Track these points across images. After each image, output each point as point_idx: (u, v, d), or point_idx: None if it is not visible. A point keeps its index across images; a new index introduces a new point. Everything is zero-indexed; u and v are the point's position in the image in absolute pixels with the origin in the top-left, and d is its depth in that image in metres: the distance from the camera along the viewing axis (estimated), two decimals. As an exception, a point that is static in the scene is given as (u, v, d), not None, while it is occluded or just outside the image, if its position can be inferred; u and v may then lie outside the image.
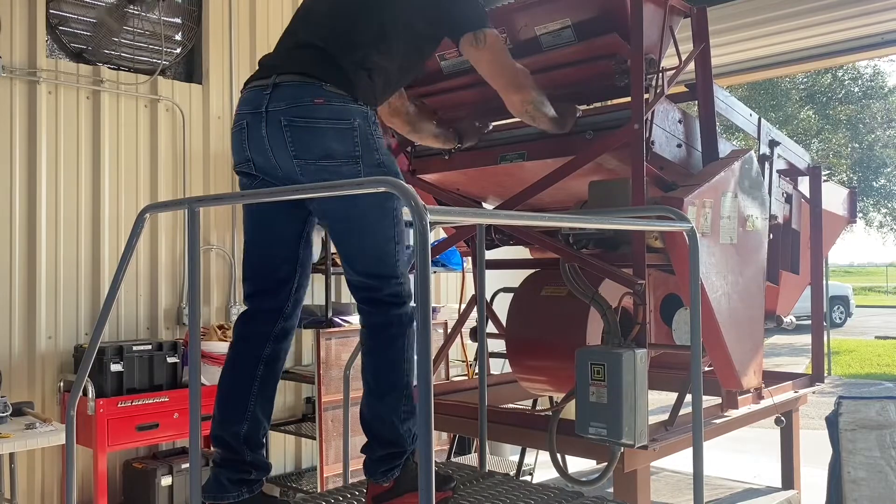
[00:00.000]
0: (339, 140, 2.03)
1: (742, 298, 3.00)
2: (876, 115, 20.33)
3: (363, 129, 2.06)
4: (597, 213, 2.64)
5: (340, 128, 2.03)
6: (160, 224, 4.68)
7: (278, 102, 2.03)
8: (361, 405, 2.19)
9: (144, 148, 4.66)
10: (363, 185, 1.81)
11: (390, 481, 2.15)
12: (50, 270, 4.26)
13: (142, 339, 4.48)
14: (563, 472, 2.93)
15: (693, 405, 2.31)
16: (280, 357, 2.25)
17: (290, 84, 2.04)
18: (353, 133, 2.04)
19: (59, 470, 4.21)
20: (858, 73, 20.42)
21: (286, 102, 2.03)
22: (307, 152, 2.03)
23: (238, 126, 2.14)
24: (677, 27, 3.00)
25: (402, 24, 2.18)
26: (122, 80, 4.58)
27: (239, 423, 2.16)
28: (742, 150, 3.19)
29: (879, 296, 34.45)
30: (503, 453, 5.66)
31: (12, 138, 4.16)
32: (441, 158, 3.32)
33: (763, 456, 5.87)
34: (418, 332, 1.40)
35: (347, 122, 2.03)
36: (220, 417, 2.18)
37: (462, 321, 3.65)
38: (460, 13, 2.24)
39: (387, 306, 2.15)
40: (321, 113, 2.01)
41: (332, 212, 2.13)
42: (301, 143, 2.02)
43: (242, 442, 2.16)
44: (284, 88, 2.04)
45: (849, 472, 3.04)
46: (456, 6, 2.25)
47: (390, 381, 2.13)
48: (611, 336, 2.67)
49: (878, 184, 20.97)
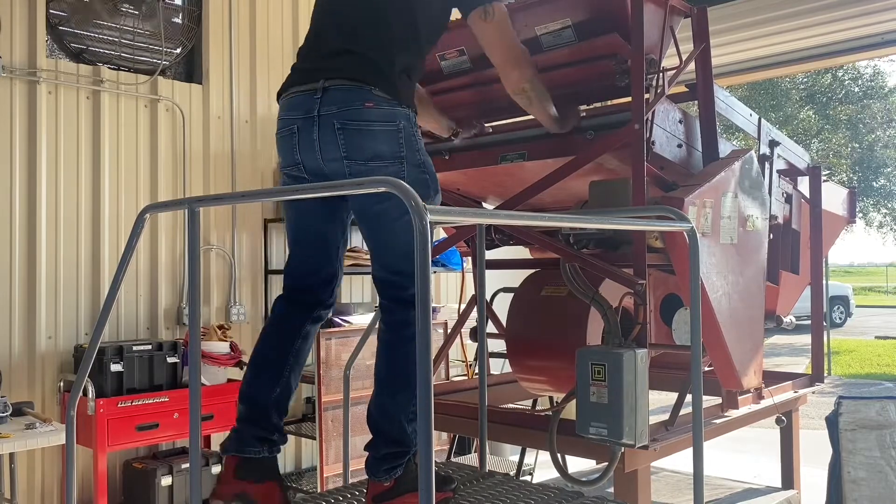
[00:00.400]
0: (386, 142, 2.12)
1: (742, 298, 3.00)
2: (876, 116, 20.33)
3: (407, 131, 2.15)
4: (597, 213, 2.64)
5: (388, 129, 2.12)
6: (160, 224, 4.68)
7: (330, 106, 2.11)
8: (370, 403, 2.22)
9: (144, 148, 4.66)
10: (363, 185, 1.81)
11: (391, 481, 2.16)
12: (50, 270, 4.26)
13: (142, 339, 4.48)
14: (563, 472, 2.93)
15: (693, 405, 2.31)
16: (310, 338, 2.37)
17: (339, 88, 2.12)
18: (399, 134, 2.13)
19: (59, 470, 4.21)
20: (858, 73, 20.43)
21: (338, 106, 2.11)
22: (358, 153, 2.11)
23: (288, 130, 2.21)
24: (678, 27, 3.00)
25: (428, 17, 2.26)
26: (122, 80, 4.58)
27: (273, 386, 2.26)
28: (742, 150, 3.19)
29: (879, 296, 34.46)
30: (503, 453, 5.66)
31: (12, 138, 4.16)
32: (441, 158, 3.32)
33: (763, 456, 5.87)
34: (418, 332, 1.40)
35: (394, 124, 2.13)
36: (253, 379, 2.28)
37: (462, 321, 3.65)
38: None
39: (410, 305, 2.16)
40: (371, 116, 2.10)
41: (363, 209, 2.20)
42: (353, 144, 2.11)
43: (273, 404, 2.26)
44: (334, 92, 2.12)
45: (849, 472, 3.04)
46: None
47: (404, 379, 2.16)
48: (611, 336, 2.67)
49: (878, 184, 20.98)
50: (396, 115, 2.14)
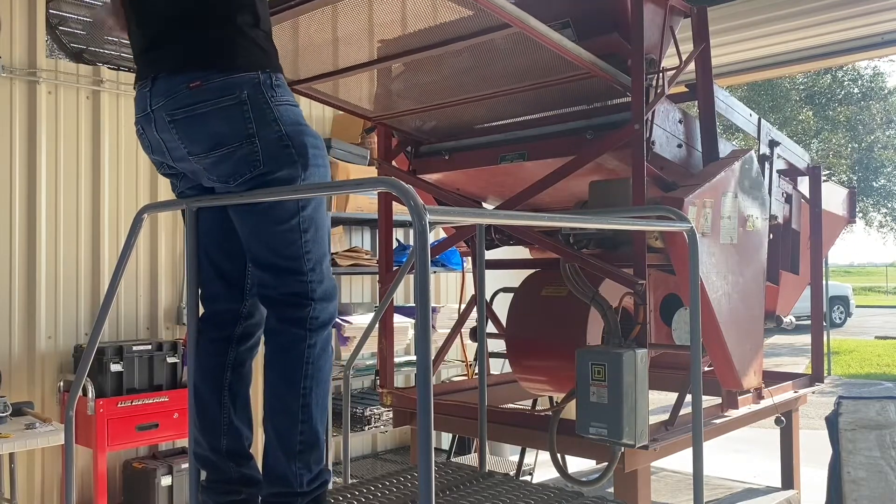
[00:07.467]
0: (226, 121, 1.77)
1: (742, 298, 3.00)
2: (875, 116, 20.32)
3: (255, 99, 1.78)
4: (597, 213, 2.64)
5: (224, 106, 1.76)
6: (160, 224, 4.68)
7: (158, 98, 1.81)
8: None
9: (144, 148, 4.66)
10: (363, 185, 1.80)
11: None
12: (50, 270, 4.26)
13: (142, 338, 4.48)
14: (563, 472, 2.93)
15: (693, 405, 2.31)
16: (246, 361, 2.02)
17: (162, 77, 1.82)
18: (243, 107, 1.76)
19: (59, 470, 4.21)
20: (858, 73, 20.41)
21: (164, 97, 1.80)
22: (197, 146, 1.82)
23: (138, 133, 1.96)
24: (677, 27, 3.00)
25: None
26: (122, 80, 4.57)
27: (217, 437, 1.94)
28: (742, 151, 3.20)
29: (879, 296, 34.46)
30: (503, 453, 5.66)
31: (12, 138, 4.16)
32: (442, 158, 3.32)
33: (763, 456, 5.87)
34: (418, 331, 1.32)
35: (232, 96, 1.76)
36: (197, 435, 1.96)
37: (462, 321, 3.65)
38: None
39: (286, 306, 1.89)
40: (199, 96, 1.77)
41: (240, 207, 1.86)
42: (188, 137, 1.81)
43: (226, 457, 1.95)
44: (160, 83, 1.82)
45: (849, 472, 3.04)
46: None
47: (281, 400, 1.85)
48: (611, 336, 2.67)
49: (878, 184, 20.96)
50: (234, 84, 1.76)
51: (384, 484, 2.44)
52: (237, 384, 1.98)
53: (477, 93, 2.89)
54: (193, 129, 1.78)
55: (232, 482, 1.96)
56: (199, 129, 1.78)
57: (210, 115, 1.76)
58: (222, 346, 1.98)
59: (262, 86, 1.79)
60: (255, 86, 1.78)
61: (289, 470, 1.81)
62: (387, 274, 3.49)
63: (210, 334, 1.99)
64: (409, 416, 3.47)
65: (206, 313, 2.02)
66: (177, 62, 1.79)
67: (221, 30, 1.79)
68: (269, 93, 1.80)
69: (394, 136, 3.49)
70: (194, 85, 1.75)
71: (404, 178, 3.33)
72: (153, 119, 1.83)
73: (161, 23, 1.85)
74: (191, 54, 1.78)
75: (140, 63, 1.91)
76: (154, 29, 1.86)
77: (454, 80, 2.82)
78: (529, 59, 2.56)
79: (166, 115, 1.79)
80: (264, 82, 1.79)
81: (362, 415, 4.78)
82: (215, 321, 2.00)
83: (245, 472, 1.97)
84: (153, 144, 1.90)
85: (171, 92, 1.78)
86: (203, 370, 1.97)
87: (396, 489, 2.40)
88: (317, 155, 1.85)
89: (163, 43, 1.83)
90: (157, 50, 1.84)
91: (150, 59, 1.85)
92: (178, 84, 1.77)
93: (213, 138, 1.78)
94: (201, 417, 1.96)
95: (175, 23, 1.82)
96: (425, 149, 3.44)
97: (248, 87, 1.77)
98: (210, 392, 1.95)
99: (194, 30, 1.80)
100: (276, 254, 1.83)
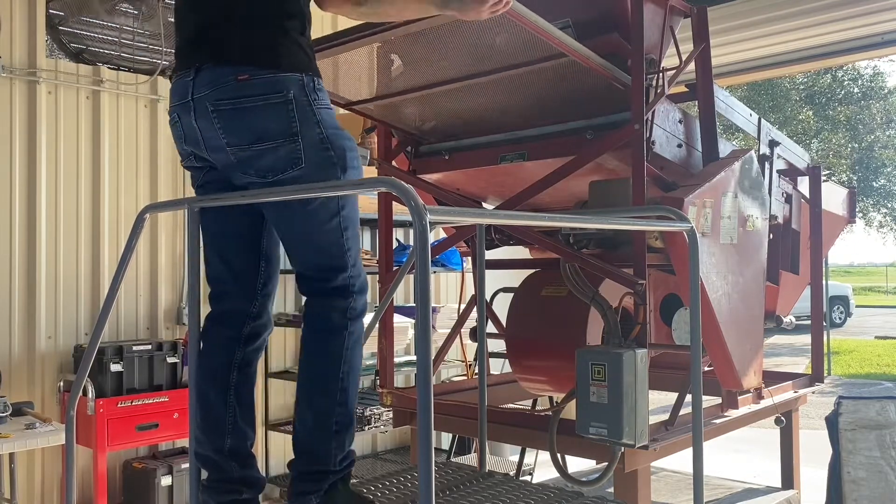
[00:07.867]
0: (273, 117, 1.82)
1: (742, 298, 3.00)
2: (875, 116, 20.32)
3: (300, 101, 1.83)
4: (597, 213, 2.64)
5: (273, 103, 1.82)
6: (160, 224, 4.68)
7: (201, 88, 1.85)
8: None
9: (144, 148, 4.66)
10: (363, 185, 1.80)
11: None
12: (50, 270, 4.26)
13: (142, 339, 4.48)
14: (563, 472, 2.93)
15: (693, 405, 2.31)
16: (253, 361, 2.05)
17: (208, 67, 1.86)
18: (289, 106, 1.82)
19: (59, 470, 4.21)
20: (858, 73, 20.42)
21: (208, 87, 1.84)
22: (239, 137, 1.85)
23: (172, 120, 1.97)
24: (678, 27, 3.00)
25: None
26: (122, 80, 4.57)
27: (221, 436, 1.96)
28: (742, 150, 3.20)
29: (879, 296, 34.46)
30: (503, 453, 5.66)
31: (12, 138, 4.16)
32: (442, 158, 3.32)
33: (763, 456, 5.87)
34: (418, 331, 1.34)
35: (280, 94, 1.81)
36: (199, 435, 1.97)
37: (462, 321, 3.65)
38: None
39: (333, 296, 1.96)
40: (248, 89, 1.81)
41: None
42: (231, 128, 1.84)
43: (228, 457, 1.96)
44: (205, 73, 1.85)
45: (849, 472, 3.04)
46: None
47: (321, 381, 1.93)
48: (611, 336, 2.67)
49: (878, 184, 20.97)
50: (282, 82, 1.81)
51: (384, 484, 2.44)
52: (243, 385, 2.01)
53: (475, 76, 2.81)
54: (236, 122, 1.82)
55: (234, 482, 1.97)
56: (242, 122, 1.82)
57: (256, 109, 1.81)
58: (229, 346, 2.00)
59: (306, 88, 1.85)
60: (300, 87, 1.84)
61: (325, 448, 1.89)
62: (387, 274, 3.49)
63: (217, 333, 2.02)
64: (409, 416, 3.48)
65: (213, 312, 2.04)
66: (226, 54, 1.84)
67: (272, 30, 1.85)
68: (312, 95, 1.86)
69: (394, 136, 3.49)
70: (242, 78, 1.80)
71: (404, 178, 3.33)
72: (192, 107, 1.86)
73: (214, 14, 1.89)
74: (241, 48, 1.83)
75: (184, 52, 1.95)
76: (206, 18, 1.90)
77: (454, 68, 2.78)
78: (530, 56, 2.56)
79: (209, 105, 1.83)
80: (307, 85, 1.85)
81: (362, 415, 4.78)
82: (223, 320, 2.02)
83: (247, 472, 1.99)
84: (187, 133, 1.92)
85: (216, 82, 1.82)
86: (209, 370, 1.99)
87: (396, 489, 2.40)
88: (353, 157, 1.92)
89: (213, 34, 1.88)
90: (206, 40, 1.88)
91: (196, 48, 1.89)
92: (226, 75, 1.81)
93: (255, 132, 1.82)
94: (205, 417, 1.97)
95: (228, 18, 1.87)
96: (425, 149, 3.44)
97: (295, 87, 1.83)
98: (215, 392, 1.98)
99: (245, 27, 1.86)
100: (322, 252, 1.91)
